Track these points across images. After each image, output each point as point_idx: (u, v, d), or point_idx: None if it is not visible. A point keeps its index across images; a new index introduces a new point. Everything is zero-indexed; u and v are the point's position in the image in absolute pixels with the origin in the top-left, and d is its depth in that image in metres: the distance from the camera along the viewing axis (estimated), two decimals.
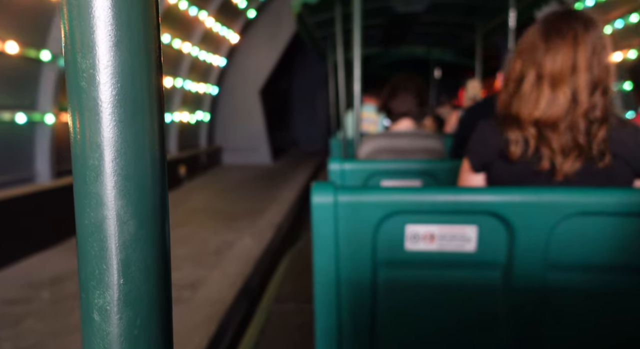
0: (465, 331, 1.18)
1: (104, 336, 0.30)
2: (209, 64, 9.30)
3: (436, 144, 2.36)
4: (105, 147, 0.29)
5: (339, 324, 1.16)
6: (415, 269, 1.17)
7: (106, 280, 0.30)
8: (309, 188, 1.14)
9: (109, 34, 0.28)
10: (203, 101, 9.60)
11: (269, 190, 7.18)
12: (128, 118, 0.29)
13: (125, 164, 0.29)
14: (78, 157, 0.29)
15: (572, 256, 1.11)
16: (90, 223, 0.29)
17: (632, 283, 1.12)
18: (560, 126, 1.16)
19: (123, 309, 0.30)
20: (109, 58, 0.28)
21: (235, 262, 3.70)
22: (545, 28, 1.21)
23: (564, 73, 1.16)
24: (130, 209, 0.29)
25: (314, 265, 1.13)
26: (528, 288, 1.12)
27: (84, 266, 0.30)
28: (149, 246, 0.30)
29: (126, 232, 0.29)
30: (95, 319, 0.30)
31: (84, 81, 0.28)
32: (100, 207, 0.29)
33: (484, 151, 1.27)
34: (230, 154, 10.68)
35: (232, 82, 10.37)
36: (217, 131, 10.58)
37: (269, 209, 5.74)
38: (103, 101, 0.28)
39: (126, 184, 0.29)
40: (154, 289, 0.31)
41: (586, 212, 1.08)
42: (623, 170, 1.19)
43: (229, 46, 9.66)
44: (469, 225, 1.12)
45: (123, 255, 0.30)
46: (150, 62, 0.30)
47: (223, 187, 7.62)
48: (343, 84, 4.56)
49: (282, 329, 2.56)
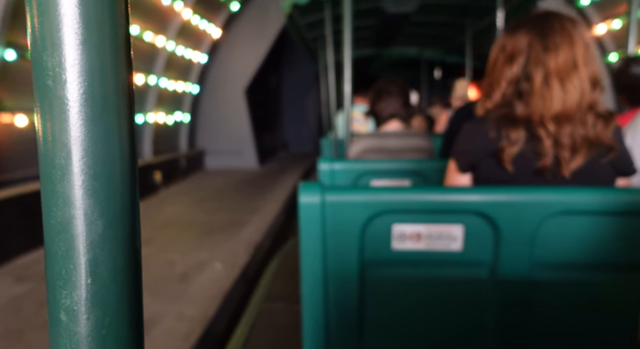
0: (453, 330, 1.18)
1: (71, 336, 0.30)
2: (189, 61, 8.55)
3: (425, 142, 2.38)
4: (72, 146, 0.28)
5: (327, 324, 1.16)
6: (402, 268, 1.17)
7: (73, 280, 0.29)
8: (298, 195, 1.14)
9: (75, 31, 0.28)
10: (183, 100, 8.90)
11: (252, 198, 6.57)
12: (96, 116, 0.29)
13: (93, 163, 0.29)
14: (45, 157, 0.29)
15: (556, 254, 1.12)
16: (57, 223, 0.29)
17: (614, 280, 1.13)
18: (573, 121, 1.17)
19: (91, 309, 0.30)
20: (76, 56, 0.28)
21: (199, 297, 3.08)
22: (539, 28, 1.22)
23: (568, 69, 1.18)
24: (98, 208, 0.29)
25: (301, 265, 1.13)
26: (514, 286, 1.13)
27: (51, 266, 0.30)
28: (118, 245, 0.30)
29: (94, 232, 0.29)
30: (63, 320, 0.30)
31: (50, 80, 0.28)
32: (67, 207, 0.29)
33: (472, 152, 1.27)
34: (214, 158, 10.00)
35: (215, 80, 9.66)
36: (200, 133, 9.91)
37: (250, 222, 5.11)
38: (70, 100, 0.28)
39: (94, 183, 0.29)
40: (123, 289, 0.31)
41: (570, 211, 1.09)
42: (606, 169, 1.21)
43: (210, 41, 8.92)
44: (455, 224, 1.12)
45: (91, 255, 0.29)
46: (119, 60, 0.30)
47: (202, 195, 6.95)
48: (333, 85, 4.57)
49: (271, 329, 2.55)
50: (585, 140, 1.17)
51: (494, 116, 1.25)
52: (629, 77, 2.00)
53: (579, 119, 1.18)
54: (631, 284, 1.13)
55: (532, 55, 1.21)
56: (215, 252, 4.02)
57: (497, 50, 1.30)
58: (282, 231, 5.29)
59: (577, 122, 1.17)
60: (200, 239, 4.50)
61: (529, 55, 1.22)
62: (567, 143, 1.17)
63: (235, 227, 4.87)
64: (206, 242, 4.37)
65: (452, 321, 1.18)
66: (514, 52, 1.25)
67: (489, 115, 1.27)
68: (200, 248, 4.19)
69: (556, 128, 1.17)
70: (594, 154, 1.18)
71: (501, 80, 1.26)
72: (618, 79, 2.04)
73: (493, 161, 1.23)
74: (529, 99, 1.21)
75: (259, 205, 6.06)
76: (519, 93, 1.24)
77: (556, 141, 1.17)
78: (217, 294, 3.12)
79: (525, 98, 1.22)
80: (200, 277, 3.46)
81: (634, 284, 1.13)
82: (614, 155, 1.19)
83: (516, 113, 1.22)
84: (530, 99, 1.20)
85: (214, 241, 4.37)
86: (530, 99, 1.20)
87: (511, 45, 1.26)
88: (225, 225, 4.98)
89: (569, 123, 1.17)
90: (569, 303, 1.14)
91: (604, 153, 1.19)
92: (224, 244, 4.27)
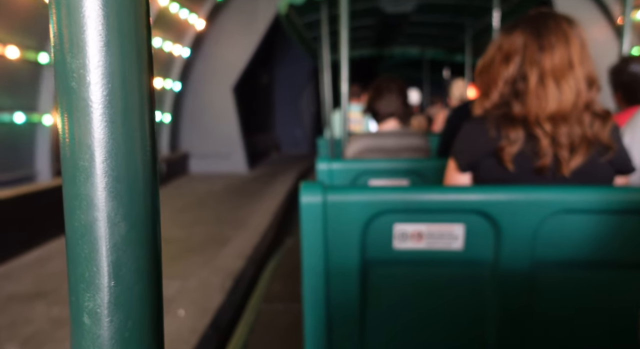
0: (454, 328, 1.19)
1: (94, 339, 0.30)
2: (169, 54, 7.68)
3: (421, 142, 2.39)
4: (95, 149, 0.28)
5: (328, 323, 1.16)
6: (403, 267, 1.18)
7: (96, 282, 0.29)
8: (290, 204, 1.13)
9: (99, 33, 0.28)
10: (162, 98, 8.07)
11: (238, 209, 5.71)
12: (119, 119, 0.29)
13: (116, 165, 0.29)
14: (68, 159, 0.29)
15: (557, 253, 1.13)
16: (81, 225, 0.29)
17: (614, 278, 1.14)
18: (570, 120, 1.18)
19: (114, 312, 0.29)
20: (100, 58, 0.28)
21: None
22: (534, 27, 1.23)
23: (564, 69, 1.18)
24: (121, 210, 0.29)
25: (302, 264, 1.13)
26: (515, 285, 1.13)
27: (74, 269, 0.30)
28: (140, 247, 0.30)
29: (117, 234, 0.29)
30: (86, 323, 0.30)
31: (74, 82, 0.28)
32: (90, 209, 0.29)
33: (472, 151, 1.28)
34: (199, 162, 9.12)
35: (199, 76, 8.82)
36: (183, 135, 9.08)
37: (232, 240, 4.28)
38: (94, 102, 0.28)
39: (117, 185, 0.29)
40: (145, 291, 0.31)
41: (570, 210, 1.10)
42: (605, 168, 1.22)
43: (194, 33, 8.11)
44: (456, 224, 1.13)
45: (114, 257, 0.29)
46: (141, 62, 0.30)
47: (181, 205, 6.12)
48: (329, 85, 4.57)
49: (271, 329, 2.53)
50: (584, 139, 1.18)
51: (493, 115, 1.26)
52: (627, 76, 2.01)
53: (576, 118, 1.18)
54: (631, 282, 1.14)
55: (528, 55, 1.22)
56: (183, 287, 3.21)
57: (494, 50, 1.31)
58: (271, 253, 4.28)
59: (573, 122, 1.18)
60: (169, 264, 3.68)
61: (525, 55, 1.22)
62: (565, 142, 1.17)
63: (214, 248, 4.06)
64: (175, 269, 3.57)
65: (454, 320, 1.19)
66: (510, 51, 1.25)
67: (488, 114, 1.28)
68: (166, 278, 3.21)
69: (552, 128, 1.18)
70: (593, 153, 1.19)
71: (498, 80, 1.27)
72: (616, 78, 2.06)
73: (493, 160, 1.24)
74: (524, 98, 1.21)
75: (246, 217, 5.24)
76: (515, 93, 1.24)
77: (554, 140, 1.18)
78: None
79: (521, 98, 1.22)
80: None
81: (634, 282, 1.14)
82: (612, 154, 1.20)
83: (514, 113, 1.23)
84: (526, 99, 1.21)
85: (185, 267, 3.56)
86: (526, 99, 1.21)
87: (507, 45, 1.26)
88: (202, 243, 4.23)
89: (565, 123, 1.18)
90: (569, 301, 1.15)
91: (602, 152, 1.20)
92: (197, 273, 3.46)
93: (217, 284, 3.25)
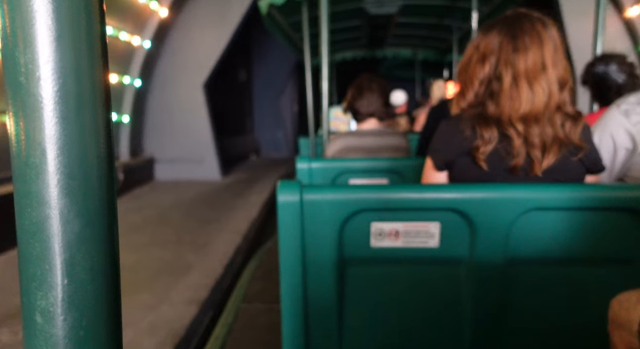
0: (431, 324, 1.20)
1: (47, 338, 0.29)
2: (126, 44, 6.50)
3: (401, 141, 2.40)
4: (47, 145, 0.28)
5: (306, 321, 1.16)
6: (381, 265, 1.19)
7: (49, 281, 0.29)
8: (266, 217, 1.12)
9: (49, 27, 0.27)
10: (119, 96, 6.92)
11: (204, 226, 4.74)
12: (71, 115, 0.28)
13: (69, 162, 0.28)
14: (18, 156, 0.28)
15: (530, 249, 1.15)
16: (32, 223, 0.28)
17: (585, 274, 1.17)
18: (541, 121, 1.19)
19: (68, 311, 0.29)
20: (50, 53, 0.27)
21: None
22: (509, 28, 1.24)
23: (537, 70, 1.20)
24: (74, 208, 0.29)
25: (280, 263, 1.13)
26: (490, 282, 1.15)
27: (26, 268, 0.29)
28: (95, 245, 0.30)
29: (70, 232, 0.29)
30: (38, 321, 0.29)
31: (22, 77, 0.27)
32: (42, 207, 0.28)
33: (447, 150, 1.29)
34: (166, 167, 7.92)
35: (165, 72, 7.68)
36: (147, 137, 7.91)
37: (191, 270, 3.41)
38: (44, 97, 0.28)
39: (70, 182, 0.28)
40: (100, 289, 0.30)
41: (543, 208, 1.12)
42: (576, 167, 1.24)
43: (156, 22, 6.90)
44: (432, 222, 1.14)
45: (67, 255, 0.29)
46: (95, 57, 0.29)
47: (138, 220, 4.98)
48: (310, 85, 4.57)
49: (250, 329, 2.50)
50: (556, 139, 1.20)
51: (468, 115, 1.27)
52: (593, 76, 2.04)
53: (548, 119, 1.20)
54: (602, 277, 1.17)
55: (502, 56, 1.24)
56: (127, 337, 2.43)
57: (472, 50, 1.32)
58: (229, 291, 3.24)
59: (545, 123, 1.20)
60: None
61: (500, 56, 1.24)
62: (538, 143, 1.20)
63: (167, 281, 3.20)
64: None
65: (431, 316, 1.20)
66: (486, 51, 1.27)
67: (463, 114, 1.29)
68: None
69: (525, 128, 1.20)
70: (565, 152, 1.22)
71: (474, 80, 1.28)
72: (585, 78, 2.09)
73: (468, 159, 1.25)
74: (498, 99, 1.23)
75: (212, 236, 4.35)
76: (490, 93, 1.26)
77: (527, 140, 1.20)
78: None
79: (495, 98, 1.24)
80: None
81: (604, 277, 1.17)
82: (583, 154, 1.23)
83: (488, 113, 1.24)
84: (500, 99, 1.23)
85: (133, 311, 2.69)
86: (500, 100, 1.23)
87: (484, 45, 1.28)
88: (154, 274, 3.36)
89: (537, 123, 1.20)
90: (543, 296, 1.18)
91: (574, 152, 1.22)
92: (139, 323, 2.55)
93: (165, 342, 2.32)
